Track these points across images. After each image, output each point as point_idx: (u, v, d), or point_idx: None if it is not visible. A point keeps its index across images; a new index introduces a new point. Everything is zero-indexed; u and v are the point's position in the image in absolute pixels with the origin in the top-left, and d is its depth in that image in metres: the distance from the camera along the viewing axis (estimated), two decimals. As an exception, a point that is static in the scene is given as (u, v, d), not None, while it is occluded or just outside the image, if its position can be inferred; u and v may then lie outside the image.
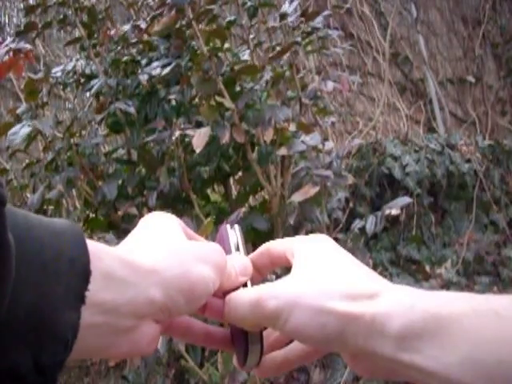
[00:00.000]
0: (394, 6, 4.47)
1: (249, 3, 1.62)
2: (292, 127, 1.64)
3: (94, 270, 0.31)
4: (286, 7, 1.63)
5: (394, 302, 0.35)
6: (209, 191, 1.85)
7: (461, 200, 3.30)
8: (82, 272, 0.30)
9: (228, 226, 0.46)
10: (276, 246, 0.44)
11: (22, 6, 2.83)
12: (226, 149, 1.66)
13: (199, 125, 1.59)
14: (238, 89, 1.65)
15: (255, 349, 0.40)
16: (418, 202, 3.03)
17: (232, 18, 1.66)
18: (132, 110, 1.56)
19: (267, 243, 0.45)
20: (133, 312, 0.33)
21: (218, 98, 1.54)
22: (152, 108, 1.67)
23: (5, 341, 0.27)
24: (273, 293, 0.38)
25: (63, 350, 0.29)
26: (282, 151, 1.57)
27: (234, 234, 0.45)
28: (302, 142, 1.58)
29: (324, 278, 0.38)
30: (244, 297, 0.40)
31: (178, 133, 1.48)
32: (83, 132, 1.86)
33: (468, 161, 3.34)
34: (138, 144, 1.67)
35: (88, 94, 1.94)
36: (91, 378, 2.00)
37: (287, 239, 0.44)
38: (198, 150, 1.41)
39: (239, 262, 0.43)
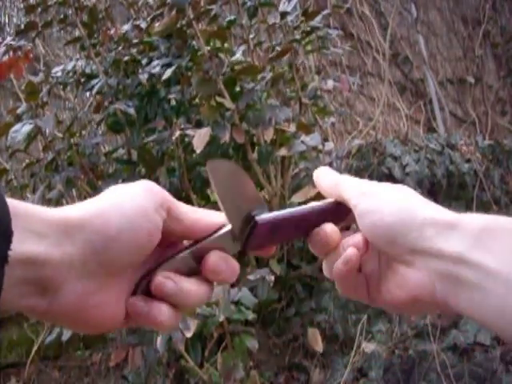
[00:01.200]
0: (393, 6, 4.46)
1: (249, 3, 1.62)
2: (292, 127, 1.64)
3: (16, 227, 0.31)
4: (285, 6, 1.63)
5: (475, 215, 0.38)
6: (209, 191, 1.85)
7: (461, 200, 3.29)
8: (4, 232, 0.31)
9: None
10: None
11: (21, 5, 2.83)
12: (226, 149, 1.66)
13: (199, 125, 1.59)
14: (238, 89, 1.65)
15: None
16: (418, 202, 3.02)
17: (232, 17, 1.66)
18: (132, 110, 1.56)
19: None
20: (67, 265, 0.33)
21: (219, 98, 1.54)
22: (152, 108, 1.67)
23: None
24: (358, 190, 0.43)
25: None
26: (282, 151, 1.57)
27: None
28: (302, 142, 1.58)
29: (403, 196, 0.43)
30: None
31: (178, 133, 1.48)
32: (83, 132, 1.86)
33: (468, 161, 3.34)
34: (138, 144, 1.67)
35: (88, 93, 1.94)
36: (91, 378, 2.00)
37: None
38: (198, 150, 1.41)
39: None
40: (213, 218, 0.41)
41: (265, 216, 0.42)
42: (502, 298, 0.34)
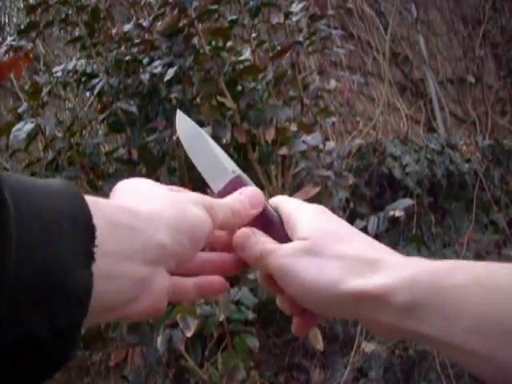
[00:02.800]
0: (394, 6, 4.46)
1: (251, 3, 1.62)
2: (293, 127, 1.64)
3: (98, 222, 0.30)
4: (294, 7, 1.63)
5: (397, 275, 0.36)
6: (209, 191, 1.85)
7: (461, 200, 3.29)
8: (85, 228, 0.29)
9: (241, 174, 0.45)
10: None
11: (22, 5, 2.83)
12: (226, 148, 1.66)
13: (200, 124, 1.59)
14: (239, 89, 1.65)
15: None
16: (418, 202, 3.03)
17: (234, 17, 1.66)
18: (134, 109, 1.56)
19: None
20: (147, 259, 0.33)
21: (220, 98, 1.54)
22: (153, 107, 1.67)
23: (18, 306, 0.26)
24: (283, 251, 0.40)
25: (79, 310, 0.28)
26: (283, 151, 1.57)
27: (249, 179, 0.45)
28: (303, 141, 1.58)
29: (328, 247, 0.39)
30: (266, 245, 0.41)
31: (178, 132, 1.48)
32: (84, 131, 1.86)
33: (468, 161, 3.34)
34: (138, 143, 1.67)
35: (88, 93, 1.94)
36: (91, 378, 2.00)
37: (280, 197, 0.45)
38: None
39: (246, 194, 0.42)
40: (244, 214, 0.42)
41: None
42: (455, 358, 0.35)
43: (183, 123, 0.47)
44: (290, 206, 0.43)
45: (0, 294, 0.25)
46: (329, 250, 0.39)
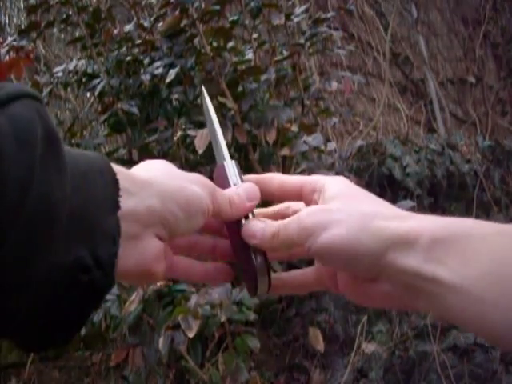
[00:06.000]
0: (394, 7, 4.46)
1: (252, 3, 1.62)
2: (294, 128, 1.64)
3: None
4: (297, 9, 1.63)
5: (426, 221, 0.38)
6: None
7: (461, 200, 3.29)
8: (112, 180, 0.34)
9: (225, 163, 0.46)
10: (289, 179, 0.45)
11: (22, 5, 2.83)
12: (227, 149, 1.66)
13: (201, 125, 1.59)
14: (240, 89, 1.65)
15: (264, 279, 0.43)
16: (418, 203, 3.03)
17: (235, 17, 1.66)
18: (135, 110, 1.56)
19: (270, 174, 0.47)
20: (136, 219, 0.35)
21: (221, 99, 1.54)
22: (154, 108, 1.67)
23: (68, 237, 0.30)
24: (313, 209, 0.40)
25: (113, 244, 0.33)
26: (284, 152, 1.57)
27: (232, 170, 0.46)
28: (304, 142, 1.58)
29: (359, 204, 0.40)
30: (279, 222, 0.41)
31: (179, 133, 1.48)
32: (84, 132, 1.86)
33: (468, 161, 3.34)
34: (139, 144, 1.67)
35: (89, 93, 1.94)
36: (91, 378, 2.00)
37: (300, 176, 0.46)
38: (200, 151, 1.41)
39: (244, 188, 0.44)
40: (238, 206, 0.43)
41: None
42: (459, 309, 0.35)
43: (208, 100, 0.50)
44: (314, 177, 0.44)
45: (60, 220, 0.29)
46: (357, 205, 0.40)
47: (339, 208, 0.39)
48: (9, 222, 0.27)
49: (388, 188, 3.07)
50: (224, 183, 0.45)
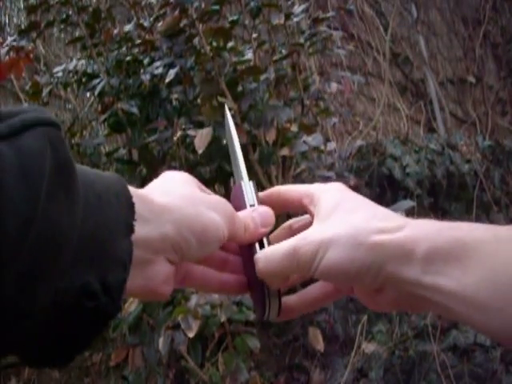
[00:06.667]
0: (394, 7, 4.46)
1: (252, 3, 1.62)
2: (294, 128, 1.64)
3: None
4: (296, 8, 1.63)
5: (421, 228, 0.38)
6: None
7: (461, 200, 3.29)
8: (127, 204, 0.34)
9: (242, 183, 0.47)
10: (290, 191, 0.46)
11: (22, 5, 2.83)
12: (227, 149, 1.66)
13: (201, 125, 1.59)
14: (240, 89, 1.65)
15: (274, 302, 0.43)
16: (418, 203, 3.03)
17: (235, 17, 1.66)
18: (135, 110, 1.56)
19: (277, 187, 0.47)
20: (148, 246, 0.35)
21: (220, 99, 1.54)
22: (154, 108, 1.67)
23: (77, 262, 0.30)
24: (308, 239, 0.40)
25: (123, 271, 0.33)
26: (284, 152, 1.57)
27: (249, 190, 0.46)
28: (304, 142, 1.58)
29: (352, 219, 0.40)
30: (279, 248, 0.42)
31: (179, 133, 1.48)
32: (84, 132, 1.86)
33: (468, 161, 3.34)
34: (139, 144, 1.67)
35: (89, 93, 1.94)
36: (91, 379, 2.00)
37: (301, 186, 0.46)
38: (199, 151, 1.41)
39: (259, 212, 0.44)
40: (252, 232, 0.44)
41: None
42: (465, 316, 0.35)
43: (230, 119, 0.51)
44: (311, 188, 0.45)
45: (69, 246, 0.29)
46: (351, 220, 0.40)
47: (333, 227, 0.40)
48: (10, 257, 0.27)
49: (388, 188, 3.07)
50: (240, 203, 0.45)
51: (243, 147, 1.71)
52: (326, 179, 1.54)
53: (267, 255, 0.42)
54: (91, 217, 0.31)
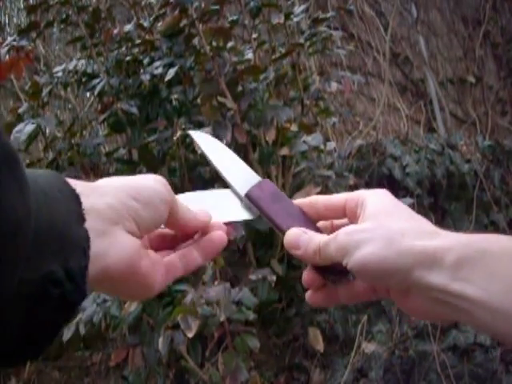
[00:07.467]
0: (394, 6, 4.46)
1: (252, 3, 1.62)
2: (294, 127, 1.64)
3: None
4: (296, 8, 1.63)
5: (452, 239, 0.40)
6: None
7: (461, 200, 3.29)
8: (72, 197, 0.36)
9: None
10: (332, 197, 0.49)
11: (22, 5, 2.83)
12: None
13: (201, 125, 1.59)
14: (240, 89, 1.65)
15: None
16: (418, 203, 3.03)
17: (234, 17, 1.66)
18: (134, 110, 1.56)
19: (314, 196, 0.50)
20: (98, 215, 0.37)
21: (220, 98, 1.54)
22: (154, 108, 1.67)
23: (38, 252, 0.31)
24: (349, 229, 0.43)
25: (83, 255, 0.34)
26: (284, 151, 1.57)
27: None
28: (304, 142, 1.58)
29: (392, 222, 0.42)
30: (320, 237, 0.45)
31: (179, 133, 1.48)
32: (84, 132, 1.86)
33: (468, 161, 3.33)
34: (139, 144, 1.67)
35: (89, 93, 1.94)
36: (91, 378, 2.00)
37: (343, 194, 0.49)
38: (199, 151, 1.41)
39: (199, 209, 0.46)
40: (201, 218, 0.45)
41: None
42: (489, 324, 0.37)
43: (203, 139, 0.53)
44: (357, 192, 0.48)
45: (26, 235, 0.30)
46: (390, 224, 0.42)
47: (373, 227, 0.42)
48: None
49: (388, 188, 3.06)
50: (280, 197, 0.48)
51: (243, 147, 1.72)
52: (326, 179, 1.54)
53: (312, 238, 0.45)
54: (43, 209, 0.32)
